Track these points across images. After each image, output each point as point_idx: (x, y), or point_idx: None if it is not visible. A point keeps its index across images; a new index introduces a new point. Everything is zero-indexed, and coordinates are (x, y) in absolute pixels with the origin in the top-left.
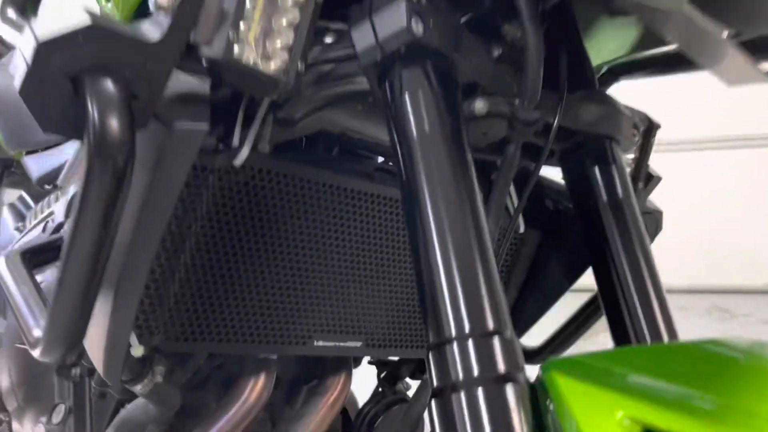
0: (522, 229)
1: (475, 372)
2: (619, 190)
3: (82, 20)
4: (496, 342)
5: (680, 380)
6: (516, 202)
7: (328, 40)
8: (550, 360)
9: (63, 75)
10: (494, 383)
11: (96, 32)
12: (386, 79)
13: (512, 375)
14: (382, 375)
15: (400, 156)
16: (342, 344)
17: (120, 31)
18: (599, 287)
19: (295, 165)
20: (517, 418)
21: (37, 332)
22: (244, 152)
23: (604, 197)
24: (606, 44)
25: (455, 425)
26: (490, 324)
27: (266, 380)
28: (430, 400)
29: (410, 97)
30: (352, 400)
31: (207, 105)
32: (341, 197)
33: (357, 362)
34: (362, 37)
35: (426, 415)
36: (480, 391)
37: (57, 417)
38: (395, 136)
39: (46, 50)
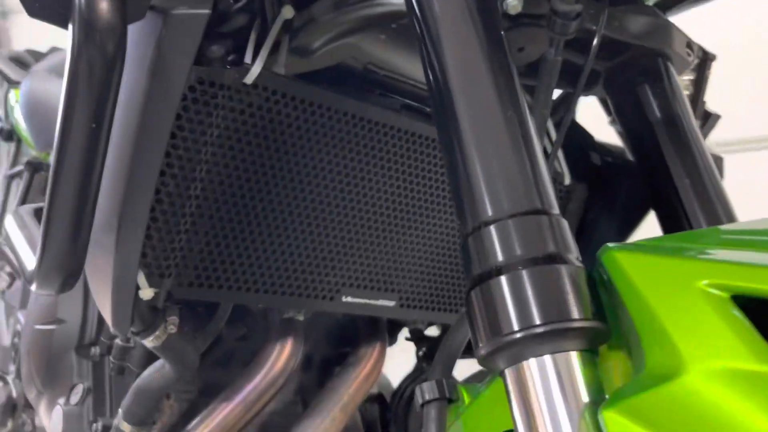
0: (568, 180)
1: (518, 251)
2: (678, 110)
3: None
4: (543, 220)
5: (762, 248)
6: (558, 149)
7: None
8: (607, 245)
9: None
10: (542, 263)
11: None
12: None
13: (563, 256)
14: (421, 352)
15: (426, 49)
16: (373, 302)
17: None
18: (664, 231)
19: (315, 90)
20: (573, 301)
21: (33, 265)
22: (256, 69)
23: (659, 118)
24: None
25: (495, 312)
26: (535, 201)
27: (293, 346)
28: (467, 295)
29: None
30: (388, 386)
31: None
32: (367, 130)
33: (392, 337)
34: None
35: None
36: (525, 273)
37: (75, 397)
38: (421, 29)
39: None
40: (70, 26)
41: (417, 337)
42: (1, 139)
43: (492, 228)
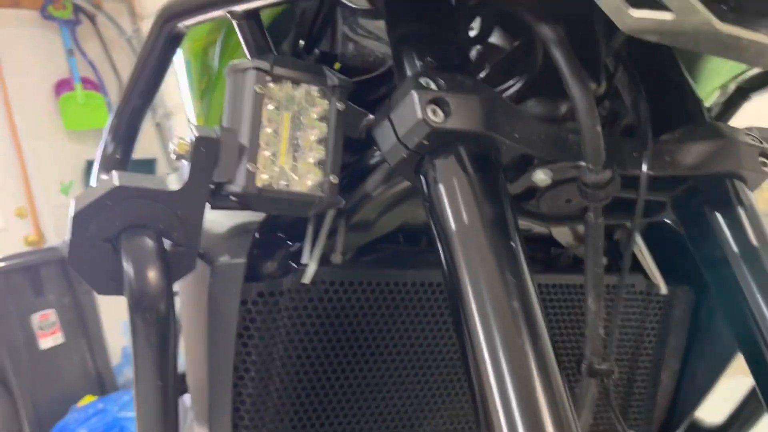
0: (664, 290)
1: None
2: (757, 241)
3: (108, 184)
4: None
5: None
6: (648, 260)
7: None
8: None
9: (101, 240)
10: None
11: (122, 192)
12: (419, 173)
13: None
14: None
15: (441, 252)
16: None
17: (145, 187)
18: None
19: (371, 271)
20: None
21: None
22: (311, 270)
23: (737, 252)
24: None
25: None
26: None
27: None
28: None
29: (445, 189)
30: None
31: (248, 238)
32: (431, 293)
33: None
34: (384, 137)
35: None
36: None
37: None
38: (435, 231)
39: (80, 220)
40: (125, 295)
41: None
42: None
43: None
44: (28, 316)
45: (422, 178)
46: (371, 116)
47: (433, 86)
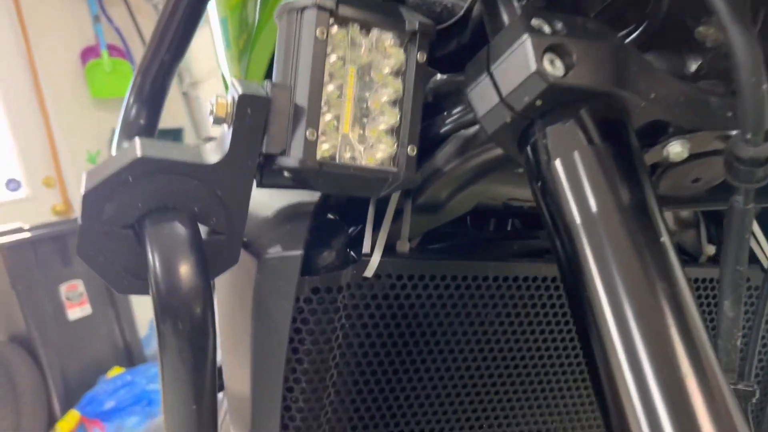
0: None
1: None
2: None
3: (129, 155)
4: None
5: None
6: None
7: None
8: None
9: (119, 226)
10: None
11: (146, 165)
12: (527, 143)
13: None
14: None
15: (559, 248)
16: None
17: (175, 159)
18: None
19: (446, 262)
20: None
21: None
22: (374, 261)
23: None
24: None
25: None
26: None
27: None
28: None
29: (564, 165)
30: None
31: (304, 224)
32: (515, 289)
33: None
34: (482, 98)
35: None
36: None
37: None
38: (549, 219)
39: (93, 201)
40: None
41: None
42: None
43: None
44: (56, 286)
45: (529, 150)
46: (440, 75)
47: (547, 29)
